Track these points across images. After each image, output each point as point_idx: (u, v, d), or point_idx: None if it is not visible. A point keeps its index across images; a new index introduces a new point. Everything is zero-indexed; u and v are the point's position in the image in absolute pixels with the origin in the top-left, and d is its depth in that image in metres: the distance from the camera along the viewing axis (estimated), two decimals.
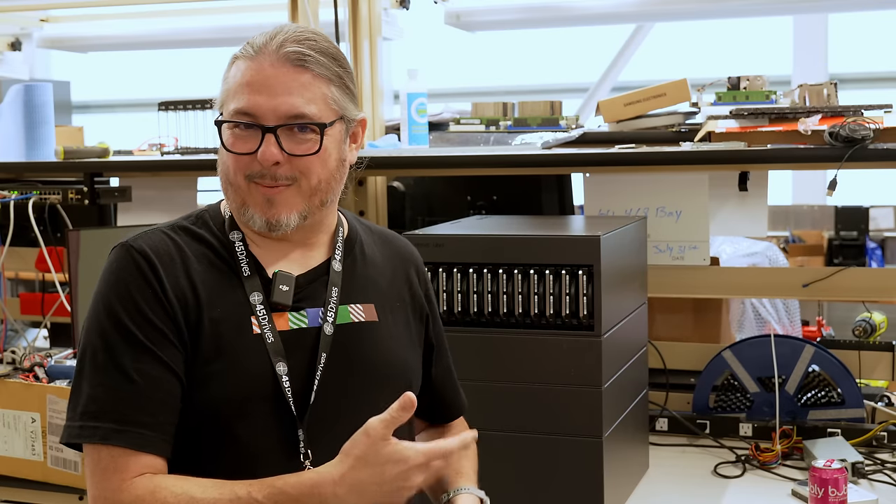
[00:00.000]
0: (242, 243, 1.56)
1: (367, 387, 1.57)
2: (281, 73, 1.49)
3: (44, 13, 3.94)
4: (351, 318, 1.59)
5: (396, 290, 1.68)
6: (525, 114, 2.80)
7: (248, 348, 1.50)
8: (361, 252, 1.66)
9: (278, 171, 1.51)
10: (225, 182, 1.56)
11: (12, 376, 2.44)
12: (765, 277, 2.80)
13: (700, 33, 7.18)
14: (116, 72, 8.19)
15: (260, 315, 1.52)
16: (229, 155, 1.53)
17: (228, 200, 1.57)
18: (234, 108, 1.51)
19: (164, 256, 1.52)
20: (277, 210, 1.52)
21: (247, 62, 1.51)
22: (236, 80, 1.52)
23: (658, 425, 2.54)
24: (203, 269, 1.53)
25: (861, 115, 2.39)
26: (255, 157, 1.50)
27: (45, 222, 2.89)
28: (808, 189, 6.60)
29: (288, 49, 1.50)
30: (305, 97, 1.51)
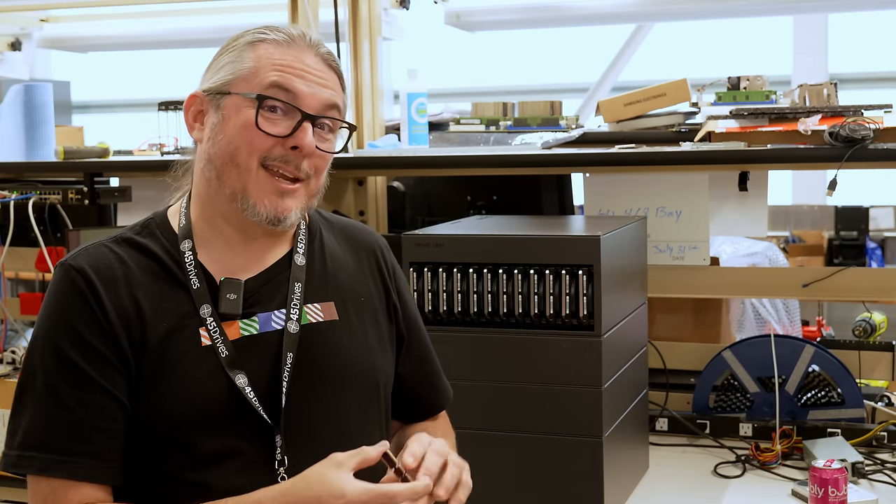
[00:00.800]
0: (192, 252, 1.48)
1: (334, 388, 1.51)
2: (320, 67, 1.47)
3: (44, 13, 3.94)
4: (309, 319, 1.52)
5: (360, 284, 1.61)
6: (525, 114, 2.80)
7: (199, 363, 1.44)
8: (321, 246, 1.60)
9: (302, 163, 1.46)
10: (225, 164, 1.46)
11: (12, 376, 2.44)
12: (765, 277, 2.80)
13: (700, 33, 7.19)
14: (116, 72, 8.19)
15: (211, 328, 1.45)
16: (250, 133, 1.44)
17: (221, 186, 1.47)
18: (273, 82, 1.44)
19: (104, 273, 1.44)
20: (288, 206, 1.46)
21: (280, 47, 1.46)
22: (271, 60, 1.45)
23: (658, 425, 2.54)
24: (148, 282, 1.46)
25: (861, 115, 2.39)
26: (279, 141, 1.44)
27: (45, 222, 2.88)
28: (808, 189, 6.61)
29: (322, 49, 1.50)
30: (339, 97, 1.50)
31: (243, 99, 1.45)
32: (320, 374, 1.50)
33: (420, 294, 2.05)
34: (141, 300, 1.44)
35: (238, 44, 1.49)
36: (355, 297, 1.59)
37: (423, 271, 2.05)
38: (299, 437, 1.46)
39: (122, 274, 1.46)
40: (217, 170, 1.47)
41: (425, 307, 2.05)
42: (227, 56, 1.49)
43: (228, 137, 1.45)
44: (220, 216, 1.50)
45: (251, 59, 1.46)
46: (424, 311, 2.05)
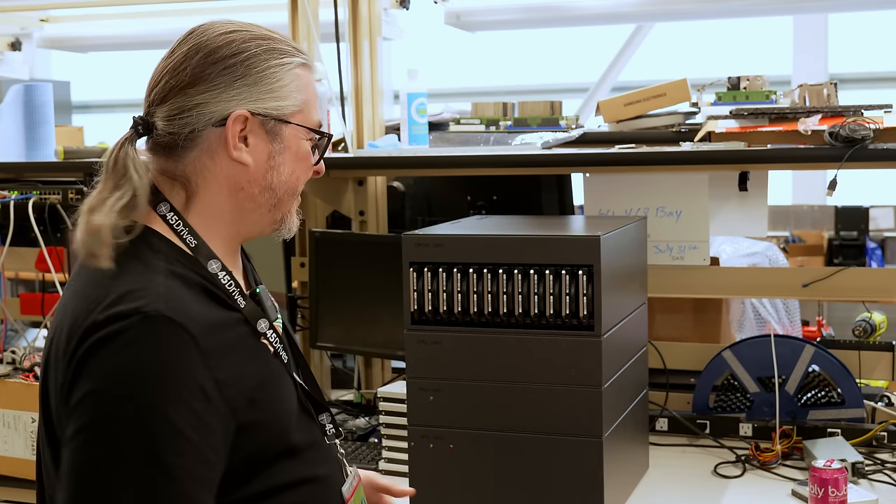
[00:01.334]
0: (226, 273, 1.40)
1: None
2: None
3: (44, 13, 3.94)
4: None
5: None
6: (525, 114, 2.80)
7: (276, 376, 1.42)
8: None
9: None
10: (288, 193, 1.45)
11: (12, 376, 2.44)
12: (765, 277, 2.80)
13: (700, 33, 7.18)
14: (116, 72, 8.18)
15: (271, 338, 1.43)
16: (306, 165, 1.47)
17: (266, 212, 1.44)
18: (317, 121, 1.49)
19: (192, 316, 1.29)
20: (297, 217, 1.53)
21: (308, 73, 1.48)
22: (312, 91, 1.48)
23: (658, 425, 2.54)
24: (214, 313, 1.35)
25: (861, 115, 2.39)
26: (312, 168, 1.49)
27: (45, 222, 2.88)
28: (808, 189, 6.60)
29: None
30: None
31: (300, 129, 1.45)
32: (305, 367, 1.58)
33: (420, 294, 2.05)
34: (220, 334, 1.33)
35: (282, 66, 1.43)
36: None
37: (423, 271, 2.05)
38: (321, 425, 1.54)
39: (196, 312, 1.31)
40: (277, 199, 1.44)
41: (425, 307, 2.05)
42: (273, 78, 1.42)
43: (291, 168, 1.45)
44: (240, 235, 1.46)
45: (303, 90, 1.45)
46: (425, 311, 2.05)
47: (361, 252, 2.81)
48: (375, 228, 3.02)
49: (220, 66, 1.40)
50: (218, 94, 1.39)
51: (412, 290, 2.05)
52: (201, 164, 1.40)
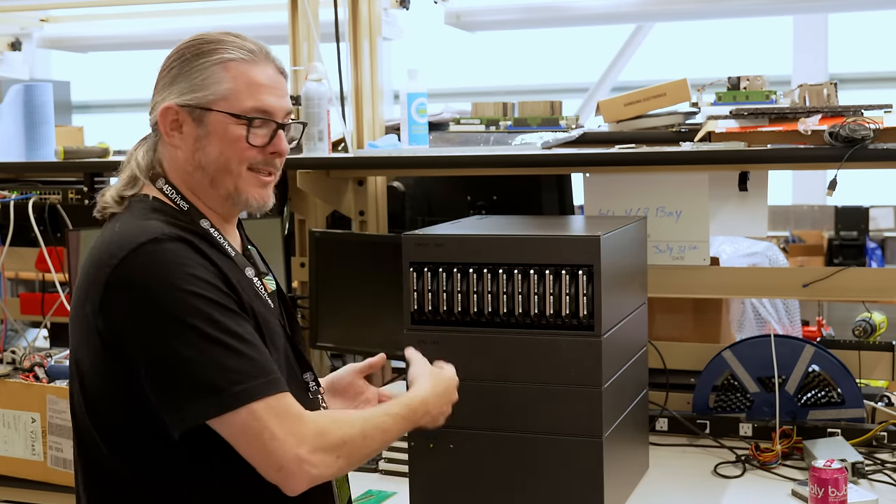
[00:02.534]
0: (215, 229, 1.67)
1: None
2: (279, 78, 1.71)
3: (44, 13, 3.94)
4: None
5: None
6: (525, 114, 2.80)
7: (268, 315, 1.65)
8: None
9: (277, 161, 1.71)
10: (219, 171, 1.66)
11: (12, 376, 2.44)
12: (765, 277, 2.80)
13: (700, 33, 7.18)
14: (116, 72, 8.19)
15: (257, 286, 1.69)
16: (239, 146, 1.66)
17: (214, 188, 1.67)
18: (253, 106, 1.66)
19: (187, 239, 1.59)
20: (269, 194, 1.71)
21: (252, 66, 1.67)
22: (245, 81, 1.66)
23: (658, 425, 2.54)
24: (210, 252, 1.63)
25: (861, 115, 2.39)
26: (261, 149, 1.67)
27: (45, 222, 2.89)
28: (808, 189, 6.60)
29: (277, 61, 1.72)
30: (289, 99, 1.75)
31: (229, 117, 1.65)
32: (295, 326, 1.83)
33: (420, 294, 2.05)
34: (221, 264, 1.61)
35: (208, 61, 1.66)
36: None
37: (423, 271, 2.05)
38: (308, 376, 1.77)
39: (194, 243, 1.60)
40: (210, 176, 1.67)
41: (425, 307, 2.05)
42: (197, 72, 1.66)
43: (219, 149, 1.66)
44: (208, 207, 1.70)
45: (228, 80, 1.65)
46: (425, 311, 2.05)
47: (361, 252, 2.81)
48: (375, 228, 3.02)
49: (165, 70, 1.70)
50: (161, 93, 1.69)
51: (412, 290, 2.05)
52: (163, 150, 1.70)
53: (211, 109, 1.65)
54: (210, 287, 1.54)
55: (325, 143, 2.82)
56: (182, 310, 1.50)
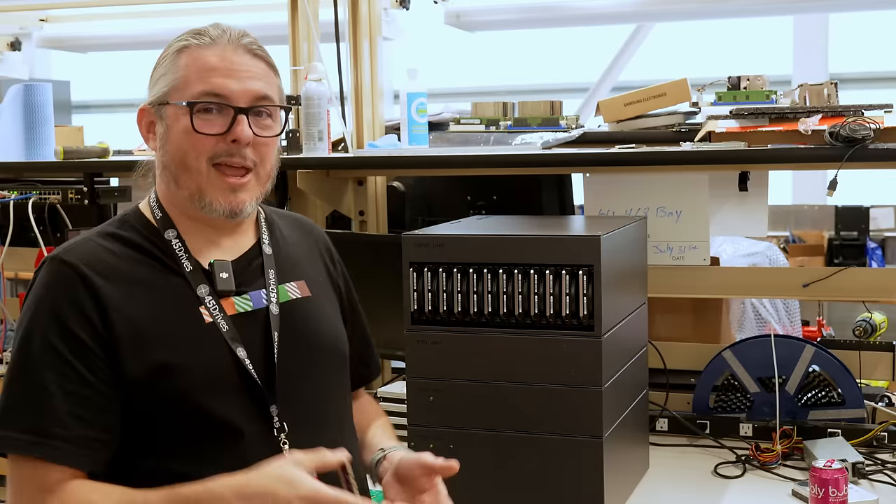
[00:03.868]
0: (178, 240, 1.59)
1: (317, 358, 1.65)
2: (244, 59, 1.58)
3: (44, 13, 3.94)
4: (290, 296, 1.66)
5: (315, 267, 1.76)
6: (525, 114, 2.80)
7: (202, 339, 1.54)
8: (281, 233, 1.74)
9: (246, 152, 1.57)
10: (179, 168, 1.57)
11: None
12: (765, 277, 2.80)
13: (700, 33, 7.18)
14: (116, 72, 8.18)
15: (210, 306, 1.56)
16: (193, 138, 1.55)
17: (177, 189, 1.59)
18: (201, 90, 1.55)
19: (96, 266, 1.53)
20: (241, 198, 1.58)
21: (202, 50, 1.58)
22: (197, 66, 1.57)
23: (658, 425, 2.54)
24: (140, 272, 1.56)
25: (861, 115, 2.39)
26: (222, 138, 1.55)
27: (44, 222, 2.89)
28: (808, 189, 6.60)
29: (246, 40, 1.61)
30: (266, 83, 1.61)
31: (179, 107, 1.57)
32: (307, 346, 1.64)
33: (420, 294, 2.05)
34: (136, 289, 1.54)
35: (168, 53, 1.61)
36: (314, 276, 1.74)
37: (423, 271, 2.04)
38: (294, 407, 1.58)
39: (114, 265, 1.55)
40: (173, 175, 1.59)
41: (425, 307, 2.04)
42: (161, 68, 1.61)
43: (175, 145, 1.58)
44: (185, 214, 1.62)
45: (181, 69, 1.58)
46: (425, 311, 2.05)
47: (361, 252, 2.80)
48: (375, 228, 3.02)
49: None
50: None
51: (412, 290, 2.05)
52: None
53: (166, 103, 1.58)
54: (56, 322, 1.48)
55: (324, 143, 2.81)
56: (24, 336, 1.51)
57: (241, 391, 1.54)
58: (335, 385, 1.69)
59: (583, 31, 6.89)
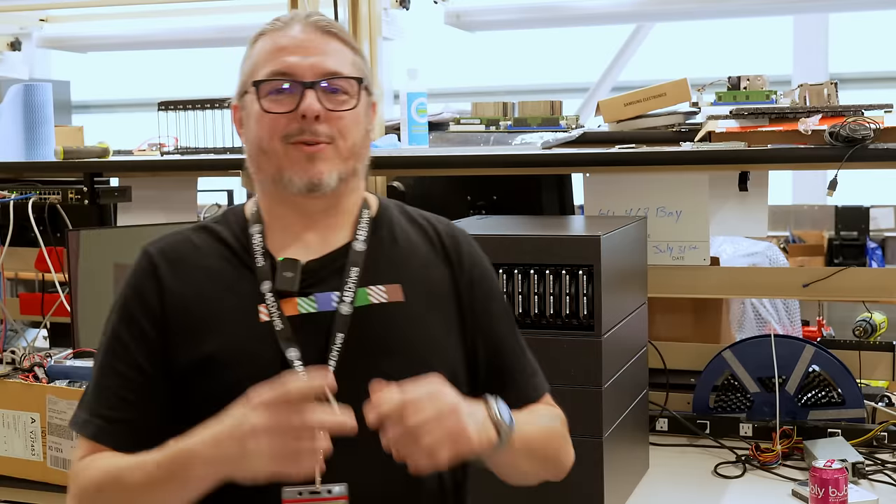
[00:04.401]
0: (260, 236, 1.57)
1: (386, 372, 1.48)
2: (312, 37, 1.54)
3: (44, 13, 3.94)
4: (370, 300, 1.54)
5: (431, 272, 1.61)
6: (525, 114, 2.80)
7: (255, 336, 1.51)
8: (391, 233, 1.62)
9: (318, 128, 1.51)
10: (258, 152, 1.54)
11: (12, 376, 2.44)
12: (765, 277, 2.80)
13: (700, 33, 7.18)
14: (116, 72, 8.19)
15: (269, 303, 1.52)
16: (265, 119, 1.52)
17: (261, 175, 1.56)
18: (269, 70, 1.52)
19: (171, 256, 1.56)
20: (319, 168, 1.51)
21: (274, 34, 1.55)
22: (265, 50, 1.54)
23: (658, 425, 2.54)
24: (216, 266, 1.56)
25: (861, 115, 2.39)
26: (292, 116, 1.51)
27: (44, 222, 2.89)
28: (809, 189, 6.60)
29: (314, 18, 1.56)
30: (337, 59, 1.55)
31: (251, 94, 1.54)
32: (374, 356, 1.52)
33: None
34: (205, 282, 1.54)
35: (248, 45, 1.59)
36: (424, 285, 1.59)
37: None
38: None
39: (192, 258, 1.56)
40: (254, 162, 1.56)
41: None
42: (242, 61, 1.59)
43: (252, 132, 1.55)
44: (277, 203, 1.57)
45: (253, 56, 1.56)
46: None
47: None
48: None
49: None
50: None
51: None
52: None
53: (246, 92, 1.56)
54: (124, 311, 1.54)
55: None
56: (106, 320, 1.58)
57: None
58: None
59: (583, 31, 6.89)
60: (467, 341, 1.62)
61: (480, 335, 1.63)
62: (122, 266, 2.68)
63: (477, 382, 1.63)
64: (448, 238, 1.66)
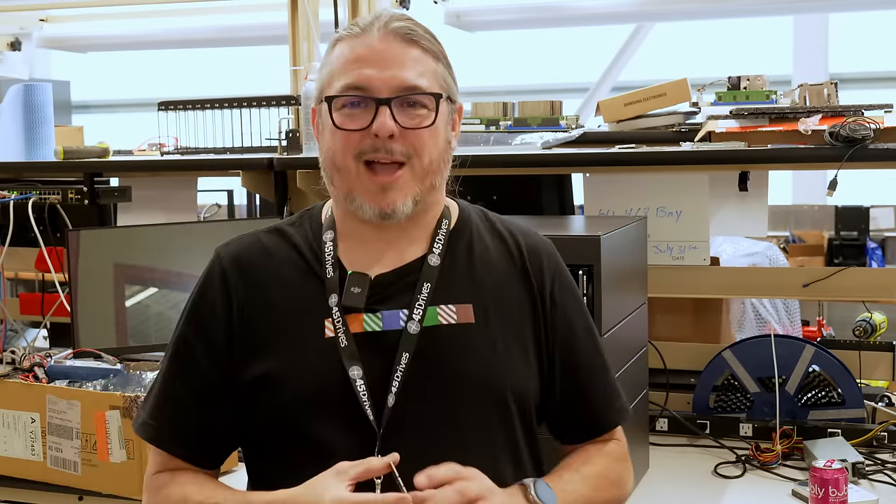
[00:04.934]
0: (332, 244, 1.52)
1: (452, 394, 1.46)
2: (391, 46, 1.46)
3: (44, 13, 3.95)
4: (439, 320, 1.48)
5: (508, 289, 1.54)
6: (525, 114, 2.80)
7: (319, 351, 1.47)
8: (468, 247, 1.56)
9: (393, 146, 1.44)
10: (331, 168, 1.49)
11: (12, 376, 2.44)
12: (765, 277, 2.80)
13: (700, 33, 7.18)
14: (116, 72, 8.19)
15: (335, 318, 1.47)
16: (338, 134, 1.46)
17: (334, 189, 1.51)
18: (344, 84, 1.46)
19: (242, 262, 1.53)
20: (392, 198, 1.46)
21: (352, 40, 1.48)
22: (342, 58, 1.47)
23: (658, 425, 2.54)
24: (286, 273, 1.52)
25: (861, 115, 2.39)
26: (366, 133, 1.44)
27: (44, 222, 2.88)
28: (808, 189, 6.60)
29: (395, 25, 1.48)
30: (417, 70, 1.47)
31: (326, 105, 1.48)
32: (440, 378, 1.47)
33: None
34: (273, 289, 1.51)
35: (328, 48, 1.53)
36: (500, 303, 1.52)
37: None
38: (403, 442, 1.43)
39: (262, 264, 1.53)
40: (329, 175, 1.51)
41: None
42: (322, 65, 1.54)
43: (326, 144, 1.50)
44: (350, 217, 1.52)
45: (331, 63, 1.50)
46: None
47: None
48: None
49: None
50: None
51: None
52: None
53: (321, 101, 1.50)
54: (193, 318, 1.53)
55: None
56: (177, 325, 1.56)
57: (346, 412, 1.44)
58: (472, 427, 1.48)
59: (583, 31, 6.89)
60: (543, 362, 1.56)
61: (559, 354, 1.57)
62: (122, 266, 2.69)
63: (552, 404, 1.58)
64: (530, 252, 1.59)
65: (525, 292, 1.55)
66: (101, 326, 2.62)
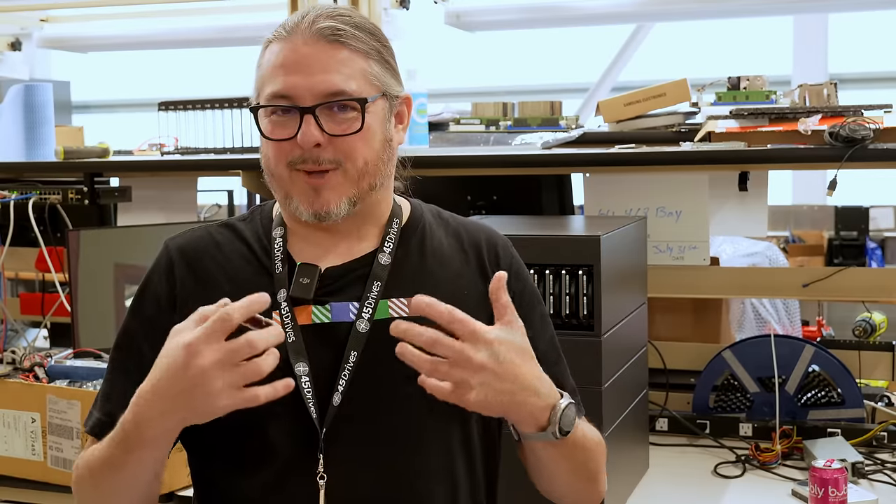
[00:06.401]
0: (282, 239, 1.50)
1: (401, 389, 1.41)
2: (316, 50, 1.42)
3: (44, 13, 3.95)
4: (389, 313, 1.45)
5: (465, 283, 1.52)
6: (525, 114, 2.80)
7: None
8: (421, 243, 1.54)
9: (321, 155, 1.42)
10: (267, 174, 1.47)
11: (12, 376, 2.44)
12: (765, 277, 2.80)
13: (700, 33, 7.19)
14: (116, 72, 8.19)
15: (283, 311, 1.44)
16: (269, 143, 1.44)
17: (274, 193, 1.49)
18: (270, 92, 1.43)
19: (191, 255, 1.51)
20: (325, 199, 1.43)
21: (279, 44, 1.45)
22: (270, 64, 1.44)
23: (658, 425, 2.54)
24: (235, 267, 1.50)
25: (861, 115, 2.39)
26: (295, 141, 1.41)
27: (45, 222, 2.89)
28: (808, 189, 6.60)
29: (321, 25, 1.43)
30: (343, 73, 1.43)
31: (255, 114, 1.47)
32: (390, 372, 1.40)
33: None
34: (221, 282, 1.48)
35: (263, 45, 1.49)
36: (454, 296, 1.43)
37: None
38: (347, 441, 1.42)
39: (210, 256, 1.51)
40: (267, 179, 1.49)
41: None
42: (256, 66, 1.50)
43: (262, 150, 1.48)
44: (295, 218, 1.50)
45: (261, 67, 1.47)
46: None
47: None
48: None
49: None
50: None
51: None
52: None
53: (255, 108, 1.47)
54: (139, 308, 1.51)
55: None
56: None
57: (289, 409, 1.40)
58: (424, 424, 1.45)
59: (583, 31, 6.90)
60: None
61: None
62: (122, 266, 2.69)
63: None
64: (484, 247, 1.57)
65: (481, 284, 1.50)
66: (101, 326, 2.62)
